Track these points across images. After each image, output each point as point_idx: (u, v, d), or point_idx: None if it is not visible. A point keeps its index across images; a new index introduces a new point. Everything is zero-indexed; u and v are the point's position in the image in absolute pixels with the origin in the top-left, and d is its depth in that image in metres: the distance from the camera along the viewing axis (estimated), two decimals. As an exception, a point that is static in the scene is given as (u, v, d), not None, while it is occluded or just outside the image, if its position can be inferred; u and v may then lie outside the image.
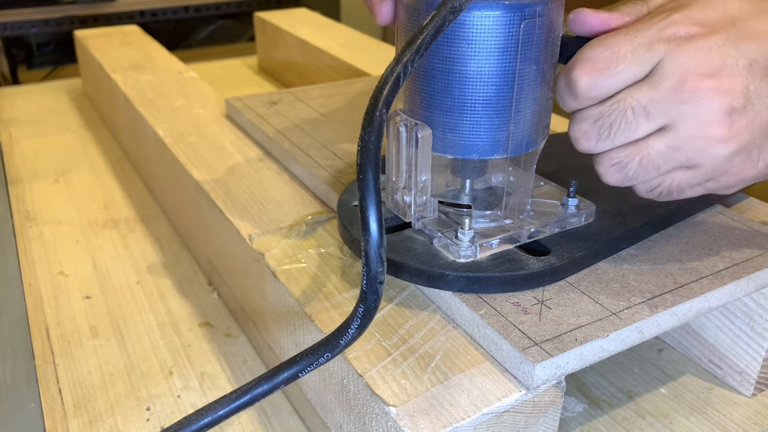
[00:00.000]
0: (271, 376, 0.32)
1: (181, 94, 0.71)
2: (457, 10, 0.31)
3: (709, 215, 0.44)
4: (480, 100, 0.36)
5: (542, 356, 0.32)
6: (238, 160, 0.55)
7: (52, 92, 0.99)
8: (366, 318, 0.30)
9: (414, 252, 0.38)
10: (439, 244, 0.38)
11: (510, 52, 0.35)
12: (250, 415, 0.43)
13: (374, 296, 0.30)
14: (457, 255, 0.37)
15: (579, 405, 0.43)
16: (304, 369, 0.32)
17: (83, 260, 0.58)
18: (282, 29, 0.99)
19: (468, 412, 0.30)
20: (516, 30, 0.34)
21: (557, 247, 0.38)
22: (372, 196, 0.29)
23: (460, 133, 0.37)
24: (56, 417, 0.42)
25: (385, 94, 0.30)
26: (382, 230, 0.29)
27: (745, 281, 0.38)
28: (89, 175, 0.74)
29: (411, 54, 0.30)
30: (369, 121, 0.29)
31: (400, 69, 0.30)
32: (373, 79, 0.71)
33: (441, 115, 0.37)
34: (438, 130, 0.37)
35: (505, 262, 0.37)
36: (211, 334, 0.50)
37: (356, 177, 0.29)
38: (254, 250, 0.43)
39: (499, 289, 0.36)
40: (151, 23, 1.49)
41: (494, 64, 0.35)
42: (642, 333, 0.35)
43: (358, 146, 0.29)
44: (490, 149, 0.37)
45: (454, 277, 0.36)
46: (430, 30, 0.31)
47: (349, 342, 0.31)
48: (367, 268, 0.29)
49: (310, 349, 0.32)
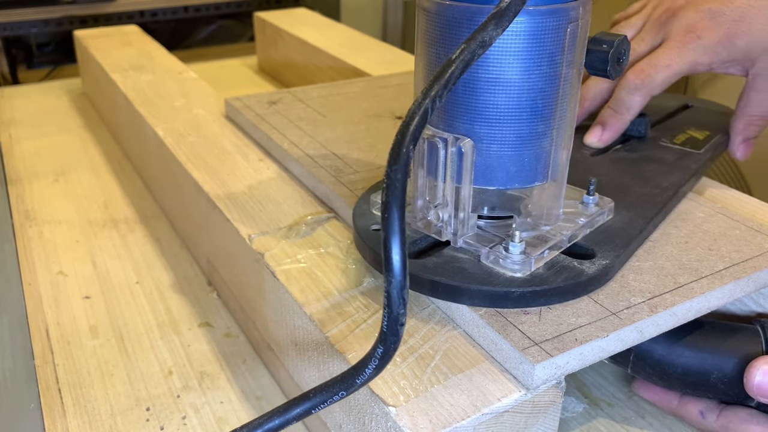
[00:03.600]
0: (282, 412, 0.31)
1: (181, 94, 0.71)
2: (487, 44, 0.30)
3: (708, 215, 0.44)
4: (528, 109, 0.35)
5: (542, 356, 0.32)
6: (238, 160, 0.55)
7: (52, 92, 0.99)
8: (384, 359, 0.29)
9: (466, 272, 0.36)
10: (488, 260, 0.37)
11: (557, 57, 0.34)
12: (249, 415, 0.43)
13: (394, 338, 0.28)
14: (513, 269, 0.36)
15: (579, 405, 0.43)
16: (317, 406, 0.30)
17: (83, 260, 0.58)
18: (282, 29, 0.99)
19: (468, 412, 0.30)
20: (563, 34, 0.34)
21: (598, 248, 0.38)
22: (397, 236, 0.28)
23: (507, 143, 0.35)
24: (56, 417, 0.42)
25: (412, 130, 0.29)
26: (406, 271, 0.28)
27: (745, 281, 0.38)
28: (89, 175, 0.74)
29: (439, 88, 0.29)
30: (395, 158, 0.28)
31: (428, 104, 0.29)
32: (373, 79, 0.71)
33: (486, 126, 0.35)
34: (482, 143, 0.35)
35: (562, 271, 0.36)
36: (211, 334, 0.50)
37: (381, 216, 0.28)
38: (254, 250, 0.43)
39: (560, 299, 0.35)
40: (151, 23, 1.49)
41: (544, 70, 0.34)
42: (642, 333, 0.34)
43: (384, 183, 0.28)
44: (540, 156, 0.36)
45: (520, 294, 0.35)
46: (459, 65, 0.30)
47: (364, 381, 0.30)
48: (389, 309, 0.28)
49: (324, 385, 0.31)
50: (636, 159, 0.49)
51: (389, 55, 0.87)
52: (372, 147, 0.54)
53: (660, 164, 0.48)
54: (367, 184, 0.48)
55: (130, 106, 0.70)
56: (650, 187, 0.45)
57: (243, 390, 0.45)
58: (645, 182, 0.46)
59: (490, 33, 0.30)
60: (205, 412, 0.43)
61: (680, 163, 0.49)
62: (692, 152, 0.51)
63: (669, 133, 0.54)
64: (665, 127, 0.56)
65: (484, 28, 0.30)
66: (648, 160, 0.49)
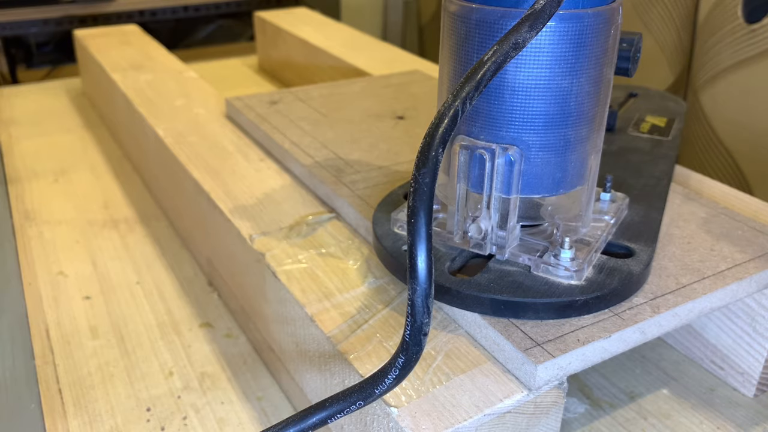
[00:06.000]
0: (298, 421, 0.30)
1: (181, 93, 0.71)
2: (520, 46, 0.29)
3: (711, 216, 0.44)
4: (576, 113, 0.34)
5: (544, 357, 0.31)
6: (238, 160, 0.55)
7: (52, 92, 0.98)
8: (405, 369, 0.28)
9: (524, 286, 0.35)
10: (539, 271, 0.35)
11: (601, 59, 0.34)
12: (250, 415, 0.43)
13: (417, 348, 0.28)
14: (568, 277, 0.35)
15: (581, 406, 0.43)
16: (334, 415, 0.29)
17: (83, 260, 0.58)
18: (282, 29, 0.99)
19: (470, 413, 0.30)
20: (608, 35, 0.34)
21: (632, 245, 0.38)
22: (424, 242, 0.27)
23: (555, 150, 0.35)
24: (56, 417, 0.42)
25: (441, 133, 0.27)
26: (432, 279, 0.27)
27: (747, 282, 0.38)
28: (89, 175, 0.74)
29: (470, 90, 0.28)
30: (423, 161, 0.27)
31: (459, 105, 0.28)
32: (374, 79, 0.71)
33: (533, 134, 0.34)
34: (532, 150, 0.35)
35: (612, 272, 0.36)
36: (211, 334, 0.50)
37: (407, 221, 0.27)
38: (255, 250, 0.43)
39: (618, 301, 0.35)
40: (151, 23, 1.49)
41: (591, 73, 0.34)
42: (644, 333, 0.34)
43: (411, 187, 0.27)
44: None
45: (584, 302, 0.34)
46: (491, 66, 0.29)
47: (384, 392, 0.29)
48: (412, 318, 0.27)
49: (341, 394, 0.30)
50: (618, 151, 0.50)
51: (389, 55, 0.87)
52: (373, 147, 0.54)
53: (642, 154, 0.49)
54: (368, 183, 0.48)
55: (130, 105, 0.70)
56: (645, 178, 0.45)
57: (244, 390, 0.45)
58: (639, 174, 0.46)
59: (523, 35, 0.29)
60: (206, 413, 0.43)
61: (658, 151, 0.49)
62: (663, 139, 0.51)
63: (632, 123, 0.54)
64: (622, 117, 0.56)
65: (518, 30, 0.29)
66: (629, 151, 0.50)
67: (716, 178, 0.75)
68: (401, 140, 0.56)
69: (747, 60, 0.79)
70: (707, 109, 0.85)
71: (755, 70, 0.79)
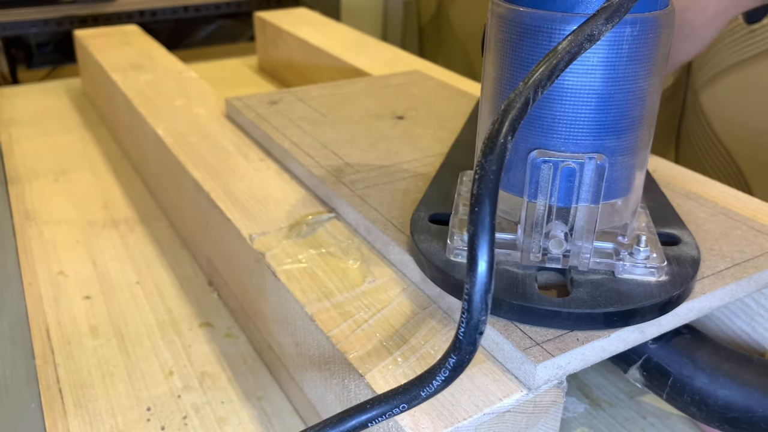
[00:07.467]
0: (336, 423, 0.28)
1: (181, 93, 0.71)
2: (595, 38, 0.28)
3: (709, 215, 0.44)
4: (650, 113, 0.34)
5: (544, 356, 0.31)
6: (238, 160, 0.55)
7: (52, 92, 0.99)
8: (456, 371, 0.26)
9: (621, 293, 0.34)
10: (623, 273, 0.35)
11: (665, 56, 0.34)
12: (250, 415, 0.43)
13: (471, 347, 0.26)
14: (652, 274, 0.34)
15: (580, 405, 0.43)
16: (375, 419, 0.28)
17: (83, 260, 0.58)
18: (282, 29, 0.99)
19: (469, 412, 0.30)
20: (671, 33, 0.34)
21: (672, 232, 0.38)
22: (486, 233, 0.25)
23: (632, 152, 0.34)
24: (56, 417, 0.42)
25: (512, 118, 0.26)
26: (492, 272, 0.25)
27: (746, 281, 0.38)
28: (89, 175, 0.74)
29: (542, 77, 0.27)
30: (491, 148, 0.25)
31: (530, 92, 0.26)
32: (374, 79, 0.71)
33: (615, 138, 0.34)
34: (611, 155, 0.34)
35: (682, 263, 0.35)
36: (212, 334, 0.50)
37: (469, 209, 0.25)
38: (255, 249, 0.43)
39: (700, 290, 0.35)
40: (151, 23, 1.49)
41: (659, 71, 0.34)
42: (644, 333, 0.34)
43: (475, 174, 0.26)
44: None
45: (678, 296, 0.34)
46: (565, 57, 0.27)
47: (430, 395, 0.27)
48: (468, 314, 0.25)
49: (384, 396, 0.28)
50: None
51: (389, 55, 0.87)
52: (373, 147, 0.54)
53: None
54: (368, 183, 0.48)
55: (130, 105, 0.70)
56: None
57: (244, 390, 0.45)
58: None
59: (599, 27, 0.28)
60: (206, 412, 0.43)
61: None
62: None
63: None
64: None
65: (594, 21, 0.28)
66: None
67: (715, 177, 0.75)
68: (401, 140, 0.56)
69: (747, 60, 0.79)
70: (707, 109, 0.85)
71: (755, 70, 0.79)
